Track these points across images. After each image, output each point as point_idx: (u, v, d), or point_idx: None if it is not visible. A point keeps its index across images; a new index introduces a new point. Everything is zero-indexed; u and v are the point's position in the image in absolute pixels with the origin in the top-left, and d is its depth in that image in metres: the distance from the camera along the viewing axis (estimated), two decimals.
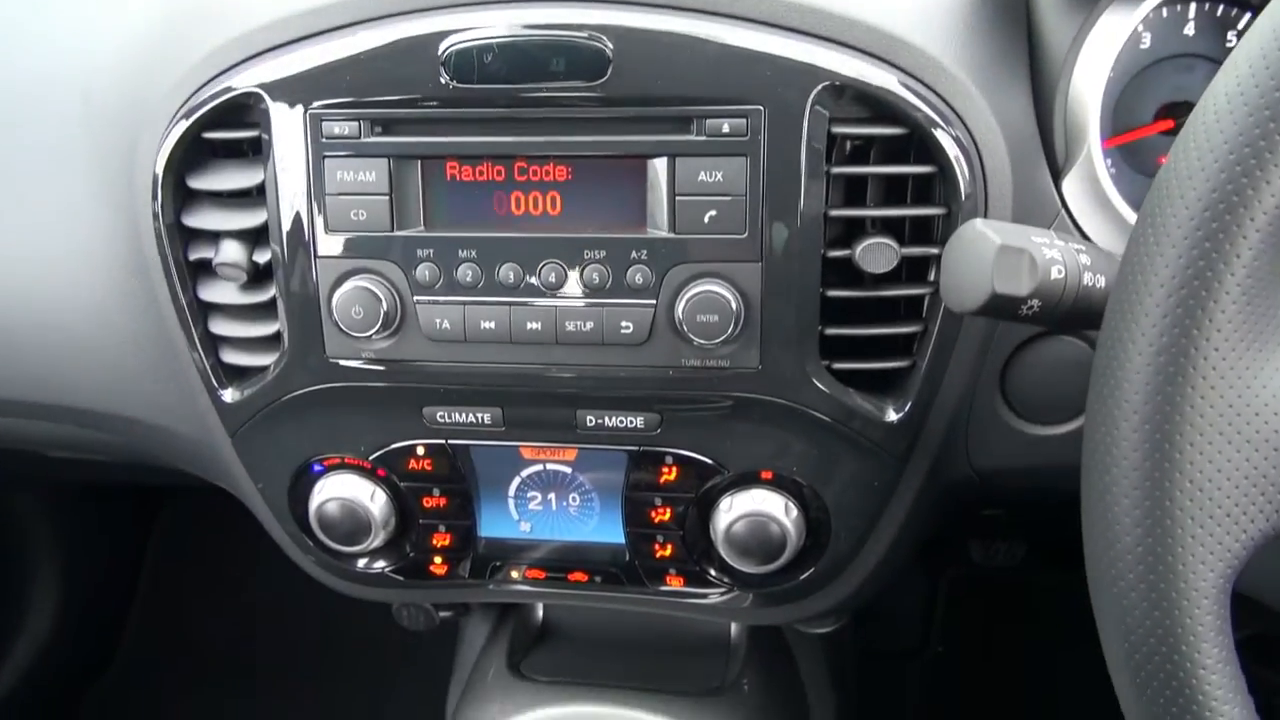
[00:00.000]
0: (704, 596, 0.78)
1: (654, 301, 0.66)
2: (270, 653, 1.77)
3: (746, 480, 0.72)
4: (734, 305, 0.65)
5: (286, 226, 0.69)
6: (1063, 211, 0.67)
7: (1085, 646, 1.50)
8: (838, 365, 0.68)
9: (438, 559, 0.79)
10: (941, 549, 1.56)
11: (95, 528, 1.79)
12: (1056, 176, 0.67)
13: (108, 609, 1.81)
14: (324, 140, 0.67)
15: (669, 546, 0.76)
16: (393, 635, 1.65)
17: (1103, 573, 0.41)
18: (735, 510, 0.71)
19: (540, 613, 1.00)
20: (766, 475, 0.71)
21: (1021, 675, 1.62)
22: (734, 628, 0.97)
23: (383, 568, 0.80)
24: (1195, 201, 0.38)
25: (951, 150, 0.64)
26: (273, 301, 0.71)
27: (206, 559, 1.87)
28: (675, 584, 0.77)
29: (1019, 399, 0.71)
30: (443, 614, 0.98)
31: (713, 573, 0.76)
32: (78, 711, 1.72)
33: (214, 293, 0.73)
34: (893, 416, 0.69)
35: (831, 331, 0.67)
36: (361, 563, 0.80)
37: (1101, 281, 0.52)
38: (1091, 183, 0.66)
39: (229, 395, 0.75)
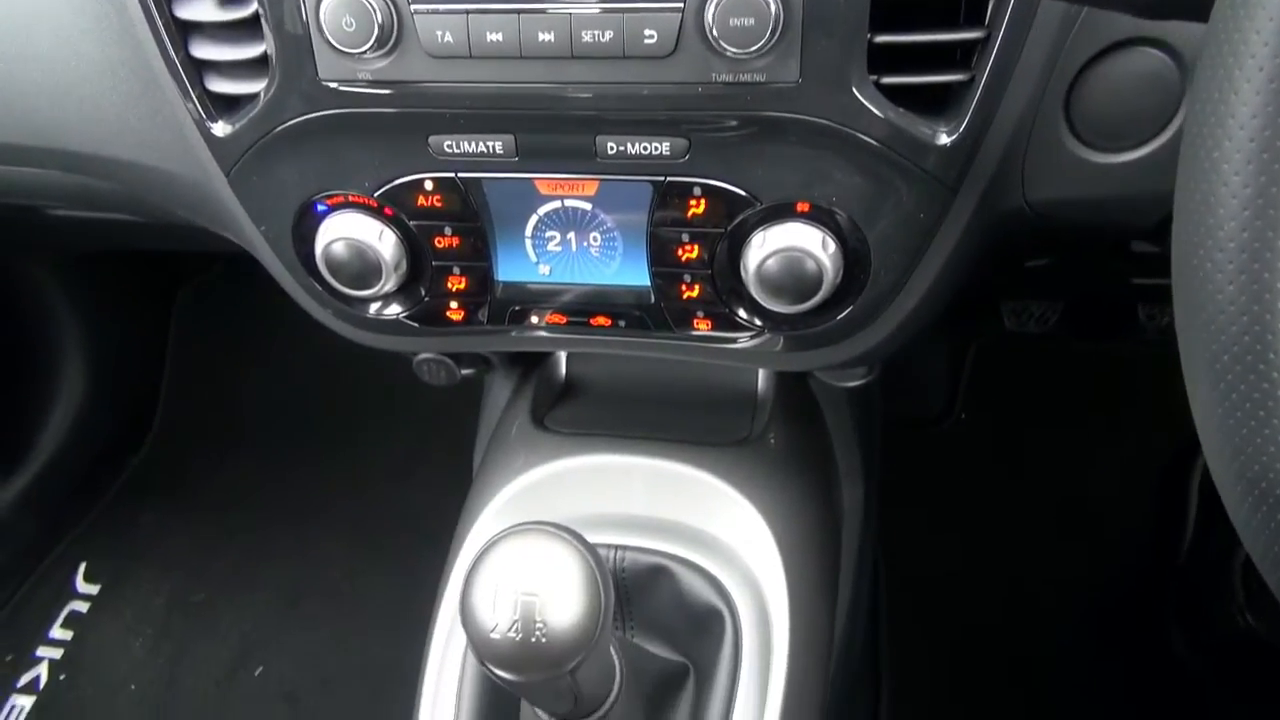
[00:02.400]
0: (733, 341, 0.74)
1: (681, 4, 0.58)
2: (300, 420, 1.80)
3: (781, 213, 0.66)
4: (771, 7, 0.57)
5: None
6: None
7: (1113, 414, 1.48)
8: (886, 79, 0.61)
9: (454, 304, 0.75)
10: (973, 314, 1.52)
11: (117, 301, 1.79)
12: None
13: (137, 381, 1.84)
14: None
15: (696, 287, 0.71)
16: (420, 400, 1.68)
17: (1194, 268, 0.36)
18: (768, 245, 0.66)
19: (563, 368, 0.98)
20: (803, 207, 0.66)
21: (1046, 443, 1.63)
22: (761, 381, 0.95)
23: (397, 314, 0.76)
24: None
25: None
26: (256, 17, 0.64)
27: (231, 329, 1.88)
28: (703, 327, 0.74)
29: (1084, 122, 0.64)
30: (464, 371, 0.96)
31: (742, 314, 0.72)
32: (115, 484, 1.78)
33: (190, 9, 0.66)
34: (945, 140, 0.62)
35: (881, 39, 0.59)
36: (374, 307, 0.76)
37: None
38: None
39: (219, 129, 0.69)
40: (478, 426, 1.10)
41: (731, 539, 0.82)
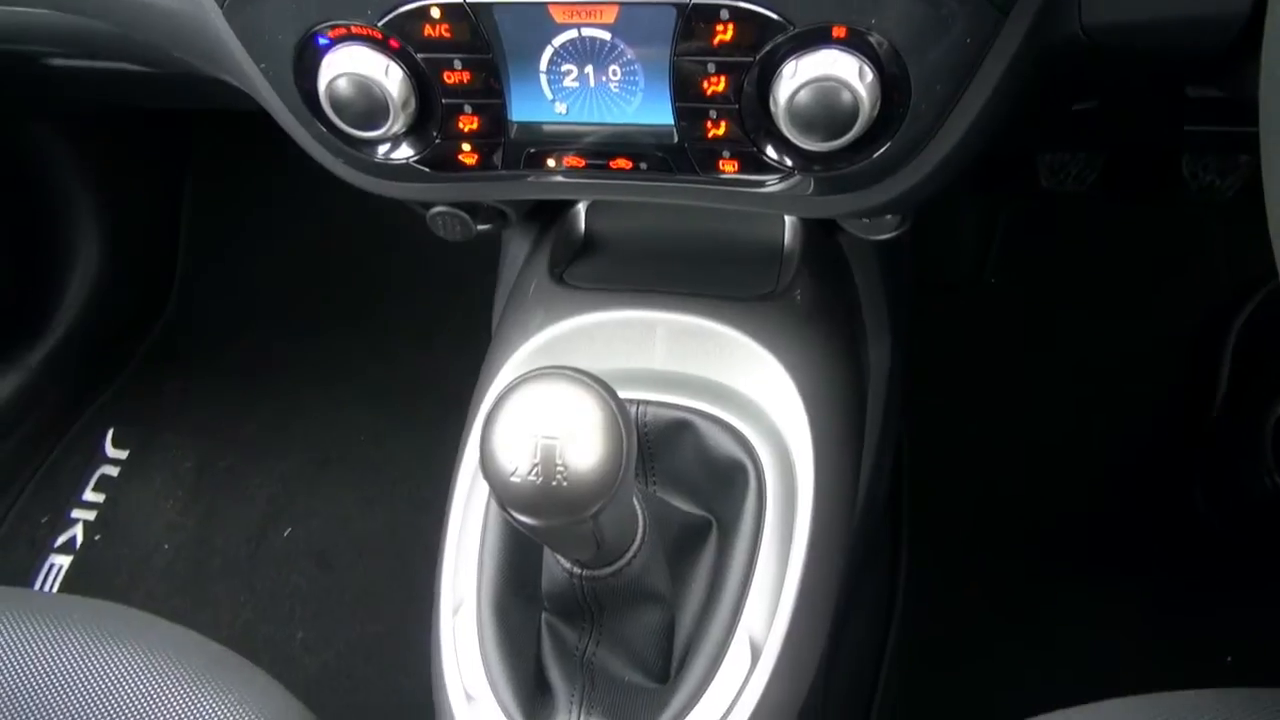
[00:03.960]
0: (761, 185, 0.70)
1: None
2: (319, 286, 1.79)
3: (815, 39, 0.61)
4: None
5: None
6: None
7: (1148, 278, 1.43)
8: None
9: (466, 146, 0.71)
10: (1008, 169, 1.46)
11: (130, 167, 1.76)
12: None
13: (154, 248, 1.82)
14: None
15: (723, 124, 0.67)
16: (440, 266, 1.65)
17: None
18: (800, 76, 0.61)
19: (583, 222, 0.95)
20: (839, 33, 0.61)
21: (1077, 308, 1.59)
22: (787, 235, 0.91)
23: (408, 158, 0.73)
24: None
25: None
26: None
27: (246, 196, 1.84)
28: (729, 169, 0.70)
29: None
30: (480, 226, 0.93)
31: (771, 153, 0.68)
32: (139, 351, 1.78)
33: None
34: None
35: None
36: (383, 150, 0.73)
37: None
38: None
39: None
40: (496, 285, 1.08)
41: (755, 394, 0.80)
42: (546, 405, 0.54)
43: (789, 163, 0.68)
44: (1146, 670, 0.77)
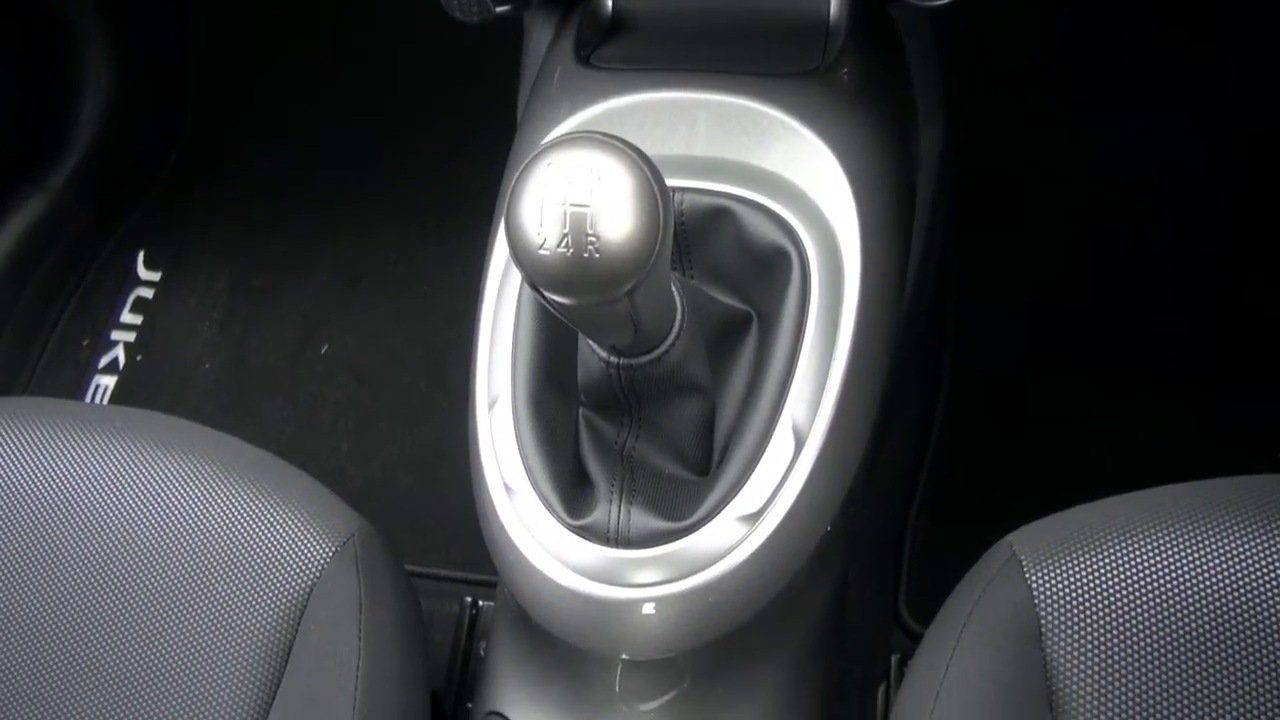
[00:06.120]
0: None
1: None
2: (338, 103, 1.72)
3: None
4: None
5: None
6: None
7: (1220, 65, 1.32)
8: None
9: None
10: None
11: None
12: None
13: (165, 68, 1.76)
14: None
15: None
16: (464, 73, 1.57)
17: None
18: None
19: (609, 0, 0.88)
20: None
21: (1138, 97, 1.49)
22: (834, 5, 0.83)
23: None
24: None
25: None
26: None
27: (253, 8, 1.76)
28: None
29: None
30: (499, 8, 0.87)
31: None
32: (161, 172, 1.74)
33: None
34: None
35: None
36: None
37: None
38: None
39: None
40: (519, 76, 1.02)
41: (799, 177, 0.75)
42: (575, 171, 0.50)
43: None
44: (1194, 466, 0.75)
